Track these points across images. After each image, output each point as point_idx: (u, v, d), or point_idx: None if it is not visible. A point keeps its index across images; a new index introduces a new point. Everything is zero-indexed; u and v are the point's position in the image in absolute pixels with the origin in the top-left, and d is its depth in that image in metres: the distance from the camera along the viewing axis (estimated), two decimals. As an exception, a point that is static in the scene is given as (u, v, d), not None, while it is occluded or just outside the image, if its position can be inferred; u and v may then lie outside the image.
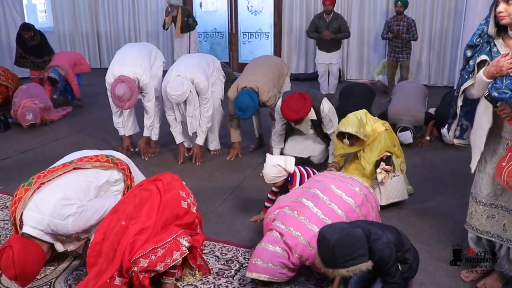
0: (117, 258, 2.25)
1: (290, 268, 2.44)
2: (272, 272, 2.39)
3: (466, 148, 4.63)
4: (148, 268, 2.24)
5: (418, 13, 7.71)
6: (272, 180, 3.02)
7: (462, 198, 3.37)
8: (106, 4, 10.00)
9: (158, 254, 2.27)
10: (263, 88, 4.16)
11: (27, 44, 6.66)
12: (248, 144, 4.87)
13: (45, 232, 2.42)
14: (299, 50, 8.76)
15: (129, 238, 2.29)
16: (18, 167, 4.37)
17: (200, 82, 4.22)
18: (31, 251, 2.35)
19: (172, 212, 2.44)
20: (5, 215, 3.37)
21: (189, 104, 4.29)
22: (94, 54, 10.47)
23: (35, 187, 2.46)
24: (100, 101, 6.94)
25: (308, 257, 2.41)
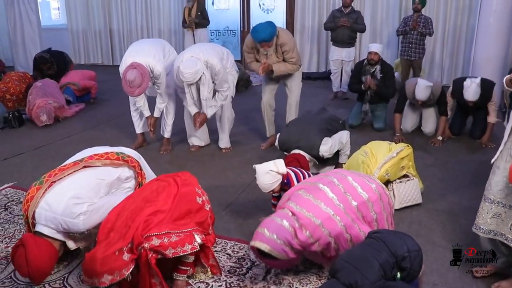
0: (130, 233, 2.26)
1: (293, 248, 2.37)
2: (275, 245, 2.33)
3: (478, 150, 4.67)
4: (158, 249, 2.22)
5: (432, 11, 7.67)
6: (269, 187, 2.94)
7: (474, 199, 3.35)
8: (119, 2, 10.07)
9: (171, 239, 2.25)
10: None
11: (44, 72, 6.85)
12: (259, 142, 4.88)
13: (57, 231, 2.45)
14: (311, 49, 8.76)
15: (144, 216, 2.31)
16: (32, 163, 4.42)
17: (214, 64, 4.23)
18: (44, 250, 2.38)
19: (187, 205, 2.45)
20: (19, 210, 3.41)
21: (202, 86, 4.25)
22: (107, 52, 10.56)
23: (46, 185, 2.49)
24: (113, 98, 7.02)
25: (318, 238, 2.35)
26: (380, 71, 5.28)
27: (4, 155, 4.65)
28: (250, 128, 5.45)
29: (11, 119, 5.65)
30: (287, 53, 4.35)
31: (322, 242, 2.37)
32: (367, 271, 2.07)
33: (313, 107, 6.12)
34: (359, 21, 6.59)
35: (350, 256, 2.20)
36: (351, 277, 2.06)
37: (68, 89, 6.51)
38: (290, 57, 4.36)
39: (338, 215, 2.38)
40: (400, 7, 8.02)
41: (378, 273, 2.07)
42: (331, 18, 6.69)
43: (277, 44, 4.32)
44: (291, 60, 4.37)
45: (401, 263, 2.14)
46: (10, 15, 9.14)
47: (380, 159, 3.34)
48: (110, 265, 2.20)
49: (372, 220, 2.48)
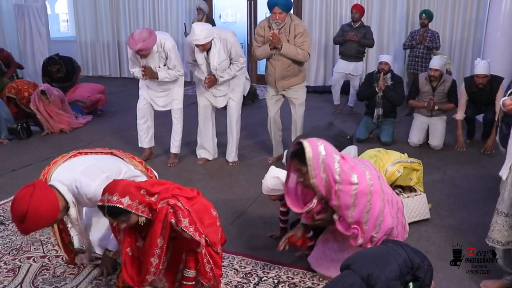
0: (158, 188, 2.26)
1: (327, 185, 2.35)
2: (317, 161, 2.31)
3: (486, 164, 4.65)
4: (179, 211, 2.17)
5: (438, 25, 7.69)
6: (268, 191, 2.95)
7: (483, 215, 3.33)
8: (127, 15, 10.16)
9: (190, 229, 2.18)
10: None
11: (54, 76, 6.91)
12: (266, 156, 4.88)
13: (68, 189, 2.41)
14: (318, 63, 8.78)
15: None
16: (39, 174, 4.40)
17: (228, 37, 4.28)
18: (50, 198, 2.30)
19: (203, 212, 2.37)
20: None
21: (212, 57, 4.27)
22: (115, 64, 10.63)
23: (72, 155, 2.61)
24: (120, 110, 7.05)
25: (360, 191, 2.34)
26: (390, 78, 5.38)
27: (12, 167, 4.68)
28: (256, 141, 5.46)
29: (19, 130, 5.68)
30: (299, 36, 4.29)
31: (358, 204, 2.33)
32: (384, 266, 2.02)
33: (320, 120, 6.13)
34: (368, 36, 6.61)
35: (368, 252, 2.18)
36: (368, 268, 2.00)
37: (76, 106, 6.57)
38: (302, 41, 4.29)
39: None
40: (407, 21, 8.05)
41: (395, 272, 2.02)
42: (340, 32, 6.73)
43: (290, 26, 4.29)
44: (302, 44, 4.30)
45: (416, 272, 2.11)
46: (21, 27, 9.25)
47: (394, 158, 3.37)
48: (132, 193, 2.16)
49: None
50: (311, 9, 8.64)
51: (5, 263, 2.89)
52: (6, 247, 3.08)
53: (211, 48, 4.25)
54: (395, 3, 8.05)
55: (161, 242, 2.22)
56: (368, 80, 5.59)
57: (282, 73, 4.40)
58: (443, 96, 5.21)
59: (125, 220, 2.17)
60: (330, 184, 2.34)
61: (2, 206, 3.73)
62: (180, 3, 9.70)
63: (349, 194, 2.33)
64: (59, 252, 2.98)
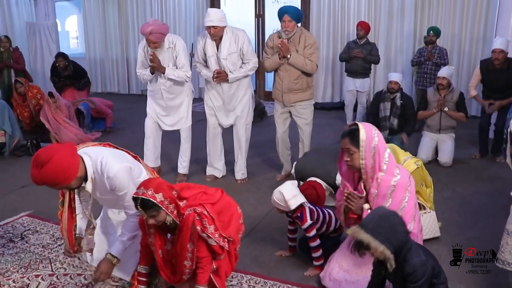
0: (187, 193, 2.43)
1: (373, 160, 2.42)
2: (370, 139, 2.41)
3: (496, 182, 4.61)
4: (205, 218, 2.34)
5: (446, 42, 7.69)
6: (273, 202, 3.01)
7: (494, 233, 3.29)
8: (136, 32, 10.27)
9: (215, 235, 2.36)
10: None
11: (61, 74, 6.97)
12: (274, 173, 4.87)
13: (92, 163, 2.39)
14: (326, 80, 8.81)
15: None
16: (49, 192, 4.37)
17: (240, 34, 4.32)
18: (74, 160, 2.29)
19: (226, 209, 2.56)
20: (35, 240, 3.43)
21: (223, 46, 4.29)
22: (123, 80, 10.74)
23: (103, 144, 2.65)
24: (128, 127, 7.10)
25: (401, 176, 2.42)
26: (400, 98, 5.28)
27: (21, 183, 4.70)
28: (265, 159, 5.45)
29: (29, 147, 5.74)
30: (309, 48, 4.31)
31: (394, 198, 2.38)
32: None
33: (328, 137, 6.13)
34: (373, 53, 6.65)
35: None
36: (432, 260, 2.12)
37: (86, 104, 6.62)
38: (311, 52, 4.31)
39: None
40: (414, 38, 8.06)
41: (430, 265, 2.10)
42: (346, 49, 6.78)
43: (300, 37, 4.32)
44: (311, 55, 4.31)
45: (440, 286, 2.12)
46: (32, 45, 9.41)
47: (408, 154, 3.43)
48: (166, 191, 2.26)
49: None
50: (318, 26, 8.70)
51: (14, 281, 2.89)
52: (15, 265, 3.08)
53: (222, 38, 4.28)
54: (403, 20, 8.08)
55: (191, 246, 2.35)
56: (377, 99, 5.51)
57: (289, 85, 4.38)
58: (452, 107, 5.20)
59: (155, 215, 2.26)
60: (375, 170, 2.42)
61: (11, 223, 3.74)
62: (188, 21, 9.82)
63: (389, 184, 2.39)
64: (67, 270, 2.99)
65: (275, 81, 4.55)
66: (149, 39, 4.21)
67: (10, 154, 5.77)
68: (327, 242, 3.01)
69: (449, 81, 5.20)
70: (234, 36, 4.31)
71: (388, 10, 8.15)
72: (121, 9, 10.52)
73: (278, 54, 4.30)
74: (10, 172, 5.14)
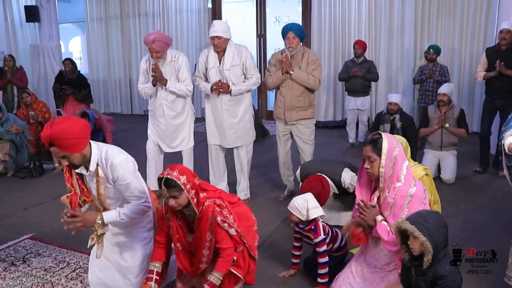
0: (206, 187, 2.55)
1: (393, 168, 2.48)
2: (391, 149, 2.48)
3: (499, 198, 4.59)
4: (224, 208, 2.44)
5: (446, 59, 7.75)
6: (291, 207, 2.99)
7: (498, 251, 3.24)
8: (138, 53, 10.40)
9: (234, 225, 2.48)
10: None
11: (65, 78, 7.05)
12: (277, 193, 4.85)
13: (98, 151, 2.46)
14: (328, 99, 8.86)
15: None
16: (52, 214, 4.44)
17: (243, 49, 4.37)
18: (86, 132, 2.42)
19: (243, 215, 2.65)
20: (37, 263, 3.41)
21: (227, 57, 4.31)
22: (126, 101, 10.82)
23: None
24: (130, 148, 7.04)
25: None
26: (399, 120, 5.32)
27: (24, 205, 4.70)
28: (267, 179, 5.44)
29: (32, 168, 5.75)
30: (312, 64, 4.36)
31: (411, 208, 2.40)
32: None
33: (330, 155, 6.13)
34: (372, 70, 6.70)
35: None
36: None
37: (91, 112, 6.66)
38: (314, 68, 4.36)
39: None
40: (415, 54, 8.13)
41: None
42: (344, 69, 6.83)
43: (303, 55, 4.37)
44: (313, 71, 4.35)
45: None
46: (35, 66, 9.51)
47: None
48: (189, 176, 2.39)
49: None
50: (319, 45, 8.79)
51: (16, 306, 2.87)
52: (17, 289, 3.07)
53: (226, 51, 4.32)
54: (403, 37, 8.16)
55: (209, 236, 2.44)
56: (377, 121, 5.56)
57: (292, 102, 4.39)
58: (453, 123, 5.22)
59: (177, 196, 2.36)
60: (392, 180, 2.48)
61: (13, 246, 3.73)
62: (190, 42, 9.93)
63: (406, 194, 2.43)
64: (69, 294, 2.97)
65: (276, 99, 4.56)
66: (152, 48, 4.25)
67: (13, 176, 5.79)
68: (331, 261, 2.99)
69: (449, 98, 5.22)
70: (238, 50, 4.36)
71: (388, 27, 8.24)
72: (124, 31, 10.66)
73: (281, 69, 4.34)
74: (12, 193, 5.14)
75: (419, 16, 8.04)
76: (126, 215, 2.49)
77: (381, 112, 5.59)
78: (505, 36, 5.11)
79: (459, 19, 7.78)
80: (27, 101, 6.37)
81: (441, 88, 5.36)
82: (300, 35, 4.35)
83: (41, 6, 9.71)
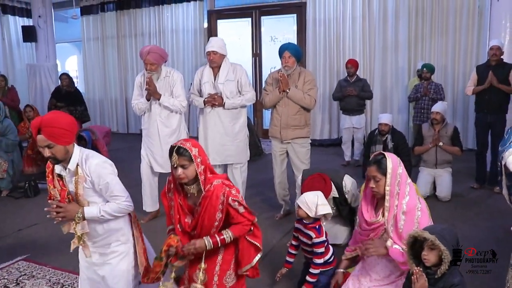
0: (217, 176, 2.50)
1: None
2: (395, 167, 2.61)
3: (495, 215, 4.59)
4: (233, 193, 2.40)
5: (440, 77, 7.82)
6: (301, 202, 2.99)
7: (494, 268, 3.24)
8: (135, 72, 10.46)
9: (244, 203, 2.45)
10: None
11: (61, 92, 7.06)
12: (273, 212, 4.84)
13: (79, 152, 2.47)
14: (323, 117, 8.91)
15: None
16: (46, 235, 4.41)
17: (238, 67, 4.45)
18: (74, 128, 2.46)
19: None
20: (31, 285, 3.37)
21: (221, 73, 4.37)
22: (122, 120, 10.84)
23: None
24: (126, 167, 7.05)
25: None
26: (391, 140, 5.37)
27: (18, 226, 4.67)
28: (264, 198, 5.43)
29: (27, 188, 5.72)
30: (308, 84, 4.40)
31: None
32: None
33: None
34: (365, 89, 6.75)
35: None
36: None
37: (87, 132, 6.64)
38: (310, 88, 4.40)
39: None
40: (409, 72, 8.21)
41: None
42: (338, 88, 6.87)
43: (300, 74, 4.42)
44: (309, 90, 4.39)
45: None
46: (32, 86, 9.54)
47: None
48: (201, 151, 2.40)
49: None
50: (314, 64, 8.87)
51: (8, 329, 2.83)
52: (10, 312, 3.03)
53: (221, 67, 4.38)
54: (397, 55, 8.25)
55: (219, 215, 2.40)
56: (369, 141, 5.63)
57: (288, 120, 4.42)
58: (447, 141, 5.24)
59: (186, 165, 2.34)
60: (399, 197, 2.59)
61: (7, 268, 3.69)
62: (186, 62, 10.03)
63: (414, 209, 2.58)
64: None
65: (272, 117, 4.58)
66: (147, 59, 4.29)
67: (7, 196, 5.75)
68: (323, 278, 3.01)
69: (442, 116, 5.26)
70: (233, 67, 4.44)
71: (382, 46, 8.33)
72: (120, 51, 10.75)
73: (278, 88, 4.38)
74: (7, 214, 5.11)
75: (413, 35, 8.15)
76: (106, 212, 2.47)
77: (373, 132, 5.61)
78: (495, 53, 5.23)
79: (452, 38, 7.89)
80: (29, 115, 6.38)
81: (434, 107, 5.41)
82: (296, 54, 4.41)
83: (39, 27, 9.78)
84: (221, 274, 2.53)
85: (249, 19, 9.47)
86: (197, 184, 2.41)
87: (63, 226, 2.57)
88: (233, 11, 9.77)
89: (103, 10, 10.86)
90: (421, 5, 8.05)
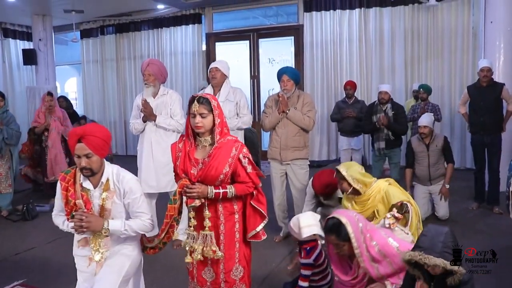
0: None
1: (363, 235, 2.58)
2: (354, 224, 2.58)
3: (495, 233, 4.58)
4: (244, 151, 2.48)
5: (437, 98, 7.88)
6: (288, 228, 3.05)
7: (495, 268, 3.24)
8: (134, 95, 10.48)
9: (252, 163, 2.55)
10: None
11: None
12: (272, 235, 4.80)
13: (110, 167, 2.55)
14: (321, 139, 8.93)
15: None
16: (43, 258, 4.38)
17: (238, 90, 4.57)
18: (110, 140, 2.57)
19: None
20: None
21: (221, 93, 4.47)
22: (121, 142, 10.86)
23: None
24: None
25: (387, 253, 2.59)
26: (391, 108, 5.56)
27: (16, 250, 4.63)
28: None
29: (25, 211, 5.70)
30: (307, 106, 4.47)
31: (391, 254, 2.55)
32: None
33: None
34: (364, 110, 6.78)
35: None
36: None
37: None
38: (309, 109, 4.46)
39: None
40: (406, 94, 8.27)
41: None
42: (336, 110, 6.90)
43: (299, 97, 4.49)
44: (308, 112, 4.45)
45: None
46: (31, 108, 9.58)
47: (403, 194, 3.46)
48: (220, 108, 2.52)
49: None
50: (312, 85, 8.95)
51: None
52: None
53: (222, 87, 4.51)
54: (393, 78, 8.33)
55: (226, 169, 2.45)
56: (369, 112, 5.78)
57: (287, 141, 4.45)
58: (438, 154, 5.19)
59: (205, 114, 2.43)
60: (368, 249, 2.59)
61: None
62: (185, 84, 10.09)
63: (390, 244, 2.62)
64: None
65: (272, 139, 4.61)
66: (146, 71, 4.37)
67: (6, 219, 5.73)
68: None
69: (430, 129, 5.22)
70: (233, 90, 4.56)
71: (379, 68, 8.41)
72: (120, 73, 10.83)
73: (278, 109, 4.43)
74: (4, 237, 5.07)
75: (409, 56, 8.25)
76: (130, 227, 2.50)
77: (373, 103, 5.78)
78: (486, 74, 5.29)
79: (447, 59, 7.99)
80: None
81: (420, 120, 5.30)
82: (295, 78, 4.48)
83: (39, 50, 9.87)
84: (227, 269, 2.64)
85: (247, 42, 9.57)
86: (211, 138, 2.49)
87: (79, 240, 2.58)
88: (231, 33, 9.88)
89: (102, 33, 10.97)
90: (417, 27, 8.16)
